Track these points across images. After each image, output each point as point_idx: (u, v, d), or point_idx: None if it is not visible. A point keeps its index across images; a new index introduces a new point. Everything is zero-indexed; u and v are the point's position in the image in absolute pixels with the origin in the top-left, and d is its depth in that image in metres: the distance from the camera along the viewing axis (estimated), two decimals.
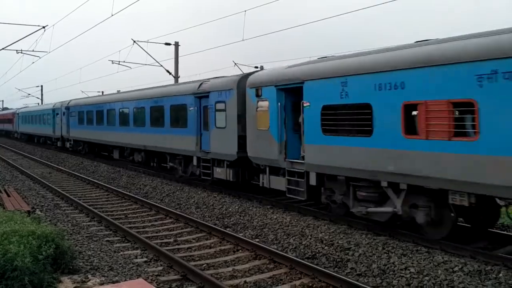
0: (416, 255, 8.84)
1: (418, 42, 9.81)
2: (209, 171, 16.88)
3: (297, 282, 8.14)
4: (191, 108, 17.67)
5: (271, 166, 13.70)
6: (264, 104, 13.73)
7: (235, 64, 28.57)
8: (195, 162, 17.79)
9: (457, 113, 8.71)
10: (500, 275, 7.67)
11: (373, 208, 10.60)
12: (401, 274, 8.13)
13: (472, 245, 9.35)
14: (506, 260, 8.24)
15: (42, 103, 61.91)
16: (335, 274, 8.13)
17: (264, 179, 14.14)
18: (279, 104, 13.07)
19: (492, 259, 8.44)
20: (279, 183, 13.53)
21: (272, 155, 13.34)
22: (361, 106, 10.34)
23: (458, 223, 10.55)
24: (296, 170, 12.66)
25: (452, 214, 9.43)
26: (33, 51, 28.51)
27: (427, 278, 7.83)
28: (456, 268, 8.04)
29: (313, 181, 12.02)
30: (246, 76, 15.28)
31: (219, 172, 16.17)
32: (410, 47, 9.74)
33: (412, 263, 8.46)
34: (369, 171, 10.23)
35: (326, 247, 9.86)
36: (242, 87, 14.96)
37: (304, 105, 12.13)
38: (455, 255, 8.83)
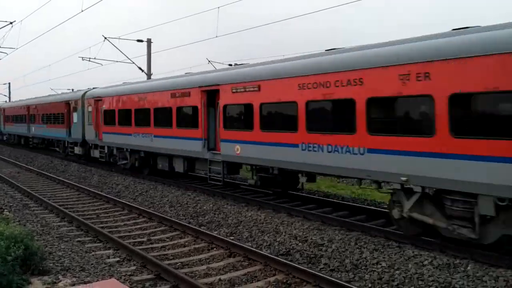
0: (387, 250, 9.02)
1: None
2: None
3: (272, 279, 8.19)
4: None
5: None
6: None
7: (209, 61, 28.46)
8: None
9: None
10: (468, 268, 7.90)
11: None
12: (373, 269, 8.28)
13: (440, 238, 9.59)
14: (474, 254, 8.49)
15: (9, 100, 60.09)
16: (308, 270, 8.21)
17: None
18: None
19: (460, 252, 8.68)
20: None
21: None
22: None
23: None
24: None
25: None
26: (0, 47, 27.73)
27: (398, 272, 8.00)
28: (426, 262, 8.24)
29: None
30: None
31: None
32: None
33: (384, 258, 8.63)
34: None
35: (300, 244, 9.94)
36: None
37: None
38: (425, 249, 9.06)
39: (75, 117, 26.49)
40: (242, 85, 13.74)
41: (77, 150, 26.77)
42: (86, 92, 25.63)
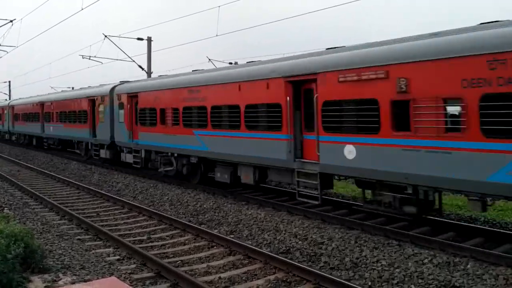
0: (387, 248, 9.02)
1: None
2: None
3: (272, 277, 8.19)
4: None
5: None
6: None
7: (209, 60, 28.44)
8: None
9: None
10: (468, 266, 7.90)
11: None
12: (373, 267, 8.29)
13: (440, 237, 9.60)
14: (474, 252, 8.49)
15: (10, 99, 60.05)
16: (308, 268, 8.22)
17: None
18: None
19: (460, 250, 8.68)
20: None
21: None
22: None
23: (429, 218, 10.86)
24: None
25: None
26: (0, 45, 27.79)
27: (398, 270, 8.01)
28: (425, 260, 8.24)
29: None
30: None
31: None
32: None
33: (384, 256, 8.63)
34: None
35: (300, 242, 9.95)
36: None
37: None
38: (424, 247, 9.05)
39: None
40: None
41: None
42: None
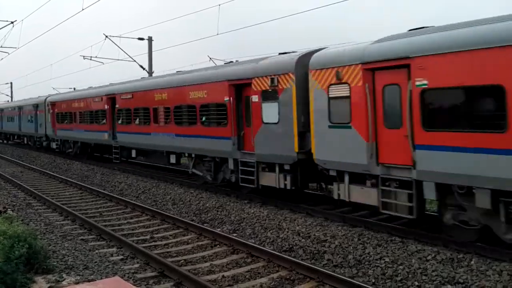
0: (390, 245, 9.01)
1: None
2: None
3: (275, 275, 8.19)
4: None
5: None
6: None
7: (210, 58, 28.40)
8: None
9: None
10: (472, 262, 7.88)
11: None
12: (376, 264, 8.28)
13: (443, 233, 9.57)
14: (478, 248, 8.47)
15: (12, 100, 60.08)
16: (312, 266, 8.22)
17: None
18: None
19: (464, 247, 8.66)
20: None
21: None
22: None
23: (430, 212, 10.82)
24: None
25: None
26: (1, 47, 27.83)
27: (401, 267, 8.00)
28: (429, 257, 8.23)
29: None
30: None
31: None
32: None
33: (387, 253, 8.62)
34: None
35: (303, 240, 9.94)
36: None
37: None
38: (428, 244, 9.03)
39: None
40: None
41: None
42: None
